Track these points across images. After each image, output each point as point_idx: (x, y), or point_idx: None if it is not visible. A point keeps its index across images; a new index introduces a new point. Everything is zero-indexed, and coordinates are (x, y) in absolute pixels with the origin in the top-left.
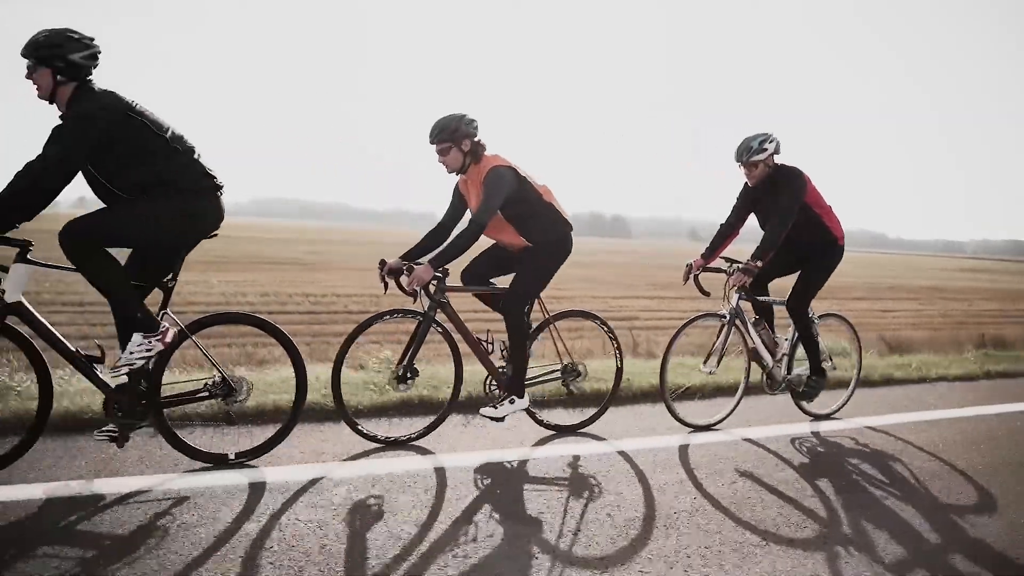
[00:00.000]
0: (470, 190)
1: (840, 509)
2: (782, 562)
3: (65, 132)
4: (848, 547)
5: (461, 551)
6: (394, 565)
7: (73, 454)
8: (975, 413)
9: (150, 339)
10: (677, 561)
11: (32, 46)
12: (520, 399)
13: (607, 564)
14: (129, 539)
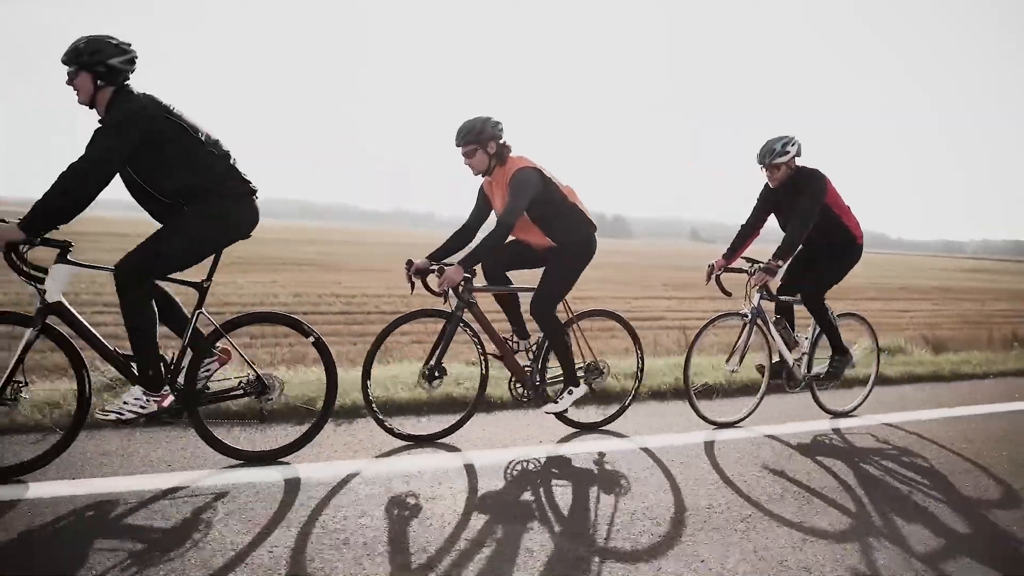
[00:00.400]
0: (495, 191)
1: (868, 502)
2: (817, 554)
3: (104, 135)
4: (880, 539)
5: (499, 546)
6: (436, 560)
7: (111, 452)
8: (1005, 409)
9: (149, 398)
10: (712, 555)
11: (73, 52)
12: (577, 388)
13: (644, 558)
14: (172, 534)
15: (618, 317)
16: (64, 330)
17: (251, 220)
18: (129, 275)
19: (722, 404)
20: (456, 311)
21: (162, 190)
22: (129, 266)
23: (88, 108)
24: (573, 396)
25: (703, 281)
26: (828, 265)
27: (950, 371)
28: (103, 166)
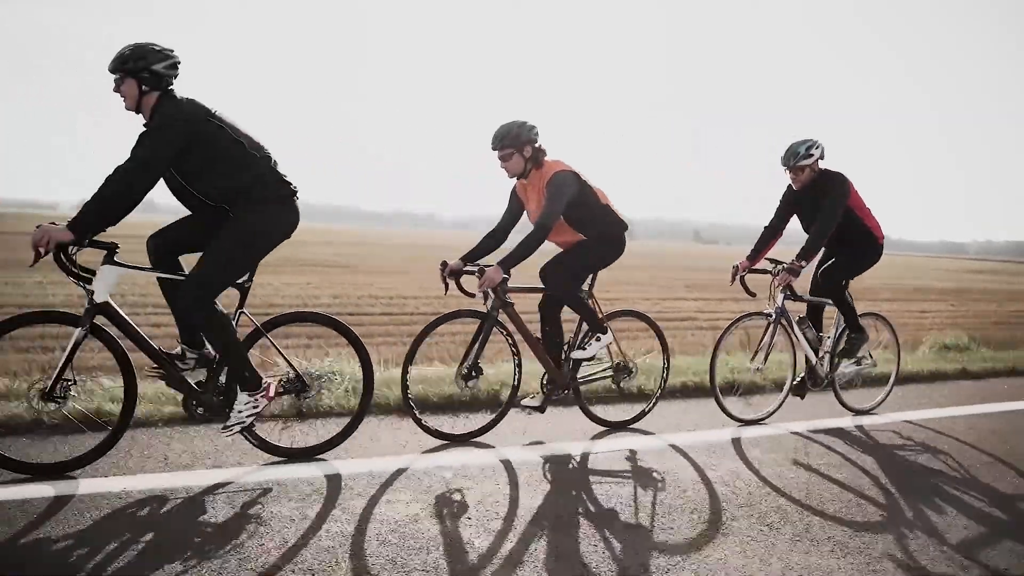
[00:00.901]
0: (528, 194)
1: (896, 495)
2: (852, 545)
3: (150, 139)
4: (914, 529)
5: (547, 542)
6: (488, 555)
7: (156, 449)
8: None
9: (256, 396)
10: (750, 547)
11: (119, 60)
12: (604, 335)
13: (685, 552)
14: (225, 529)
15: (646, 318)
16: (112, 330)
17: (293, 221)
18: (196, 299)
19: (747, 401)
20: (492, 311)
21: (205, 192)
22: (194, 290)
23: (134, 113)
24: (600, 343)
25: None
26: (847, 256)
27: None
28: (149, 169)
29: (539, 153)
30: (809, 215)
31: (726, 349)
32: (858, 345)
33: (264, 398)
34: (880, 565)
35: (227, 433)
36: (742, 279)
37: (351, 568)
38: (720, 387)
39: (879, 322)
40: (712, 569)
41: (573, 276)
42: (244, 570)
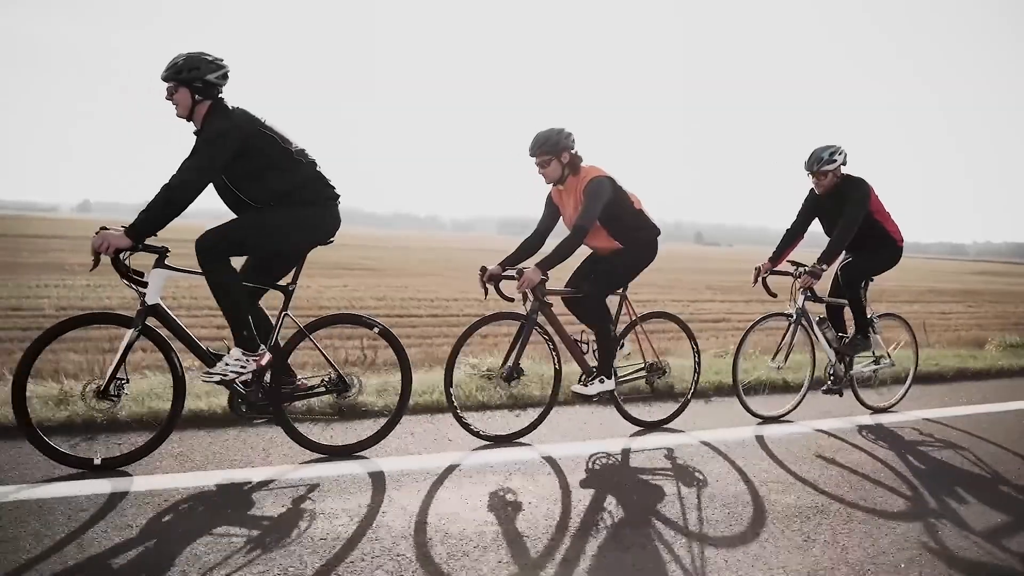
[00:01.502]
0: (564, 200)
1: (921, 487)
2: (889, 534)
3: (205, 147)
4: (940, 519)
5: (601, 537)
6: (547, 551)
7: (203, 446)
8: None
9: (248, 357)
10: (797, 537)
11: (173, 69)
12: (608, 381)
13: (737, 544)
14: (279, 523)
15: (677, 319)
16: (162, 331)
17: (334, 225)
18: (207, 250)
19: (767, 400)
20: (531, 313)
21: (254, 196)
22: (208, 242)
23: (186, 121)
24: (603, 387)
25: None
26: (867, 254)
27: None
28: (203, 175)
29: (576, 159)
30: (831, 219)
31: (748, 349)
32: (859, 347)
33: (255, 362)
34: (915, 553)
35: (207, 379)
36: (764, 280)
37: (411, 560)
38: (742, 386)
39: (897, 322)
40: (764, 557)
41: (614, 285)
42: (307, 561)
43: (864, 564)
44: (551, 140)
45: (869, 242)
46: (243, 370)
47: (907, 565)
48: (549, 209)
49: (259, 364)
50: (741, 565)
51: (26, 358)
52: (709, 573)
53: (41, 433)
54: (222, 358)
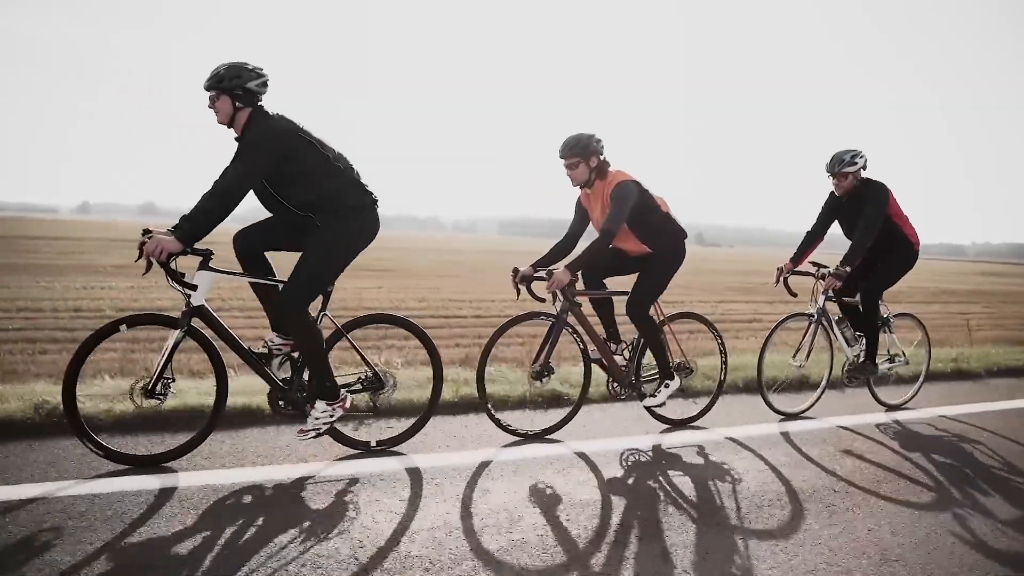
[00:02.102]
0: (592, 203)
1: (943, 479)
2: (919, 523)
3: (248, 153)
4: (965, 509)
5: (643, 524)
6: (593, 542)
7: (245, 443)
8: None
9: (333, 406)
10: (831, 525)
11: (216, 78)
12: (672, 382)
13: (780, 535)
14: (328, 516)
15: (704, 319)
16: (206, 332)
17: (374, 228)
18: (293, 307)
19: (788, 397)
20: (561, 313)
21: (294, 200)
22: (291, 298)
23: (227, 128)
24: (669, 390)
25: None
26: (886, 268)
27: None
28: (247, 181)
29: (604, 164)
30: (851, 221)
31: (773, 348)
32: (868, 372)
33: (340, 408)
34: (948, 541)
35: (303, 438)
36: (785, 281)
37: (459, 552)
38: (766, 384)
39: (912, 322)
40: (803, 542)
41: (652, 298)
42: (358, 553)
43: (893, 550)
44: (581, 143)
45: (888, 245)
46: (332, 419)
47: (937, 551)
48: (579, 212)
49: (344, 408)
50: (786, 549)
51: (76, 358)
52: (754, 560)
53: (89, 430)
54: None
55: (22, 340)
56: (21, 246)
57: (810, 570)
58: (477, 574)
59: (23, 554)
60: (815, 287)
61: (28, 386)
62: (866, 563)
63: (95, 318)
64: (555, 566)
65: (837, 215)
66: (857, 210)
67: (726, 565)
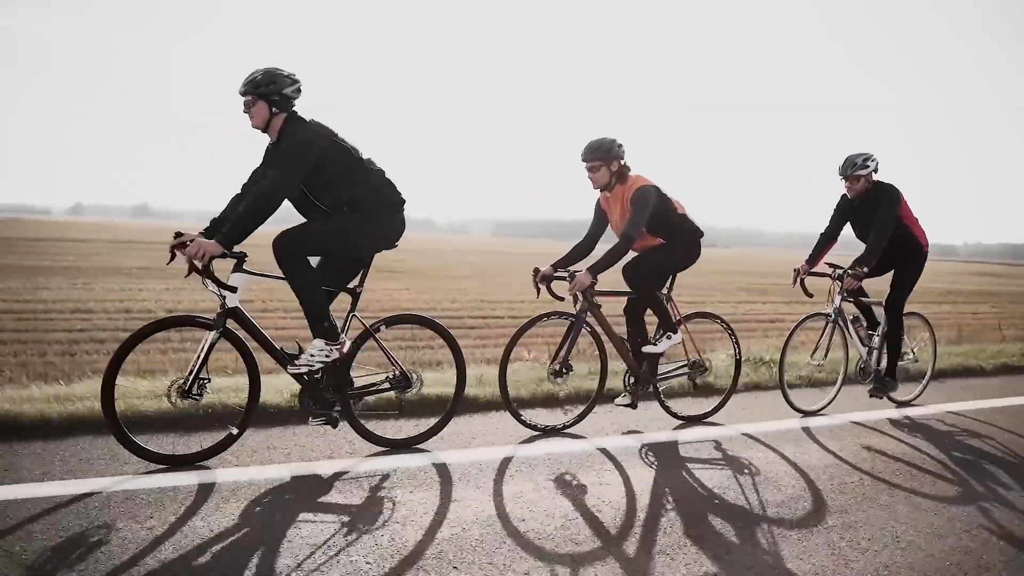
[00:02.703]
0: (612, 206)
1: (960, 470)
2: (948, 515)
3: (288, 158)
4: (988, 501)
5: (669, 515)
6: (623, 529)
7: (276, 442)
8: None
9: (331, 347)
10: (871, 519)
11: (252, 84)
12: (675, 335)
13: (804, 525)
14: (366, 510)
15: (719, 318)
16: (240, 333)
17: (400, 229)
18: (285, 249)
19: (804, 394)
20: (581, 313)
21: (328, 203)
22: (285, 241)
23: (261, 132)
24: (671, 341)
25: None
26: (904, 273)
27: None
28: (287, 186)
29: (624, 169)
30: (863, 223)
31: (793, 347)
32: (884, 391)
33: (338, 351)
34: (974, 530)
35: (293, 370)
36: (802, 282)
37: (495, 541)
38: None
39: (919, 321)
40: (836, 529)
41: (655, 276)
42: (397, 544)
43: (920, 539)
44: (604, 147)
45: (899, 247)
46: (327, 359)
47: (963, 540)
48: (598, 215)
49: (341, 353)
50: (811, 539)
51: (115, 359)
52: (782, 548)
53: (126, 430)
54: (303, 353)
55: (91, 341)
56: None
57: (840, 556)
58: (514, 564)
59: (71, 551)
60: (831, 288)
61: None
62: (896, 552)
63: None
64: (588, 555)
65: (849, 217)
66: (869, 212)
67: (757, 553)
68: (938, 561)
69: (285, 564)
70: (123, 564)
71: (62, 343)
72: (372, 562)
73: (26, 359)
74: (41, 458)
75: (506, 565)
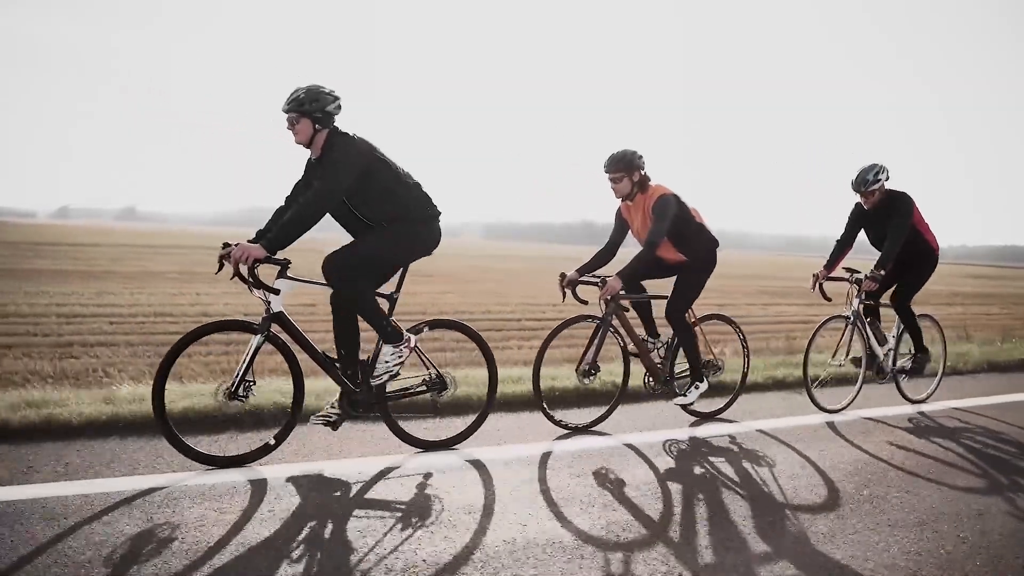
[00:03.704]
0: (633, 214)
1: (975, 459)
2: (969, 504)
3: (334, 172)
4: (1005, 491)
5: (702, 503)
6: (666, 512)
7: (320, 441)
8: None
9: (400, 347)
10: (897, 507)
11: (296, 102)
12: (702, 384)
13: (832, 514)
14: (417, 505)
15: (729, 320)
16: (284, 336)
17: (436, 239)
18: (337, 270)
19: (823, 393)
20: (607, 316)
21: (369, 215)
22: (337, 263)
23: (305, 148)
24: (699, 391)
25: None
26: (912, 275)
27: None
28: (332, 197)
29: (645, 179)
30: (877, 231)
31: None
32: (923, 365)
33: (406, 348)
34: (999, 516)
35: (376, 380)
36: (820, 286)
37: (544, 531)
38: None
39: (929, 322)
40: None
41: (688, 303)
42: (454, 537)
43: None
44: (626, 159)
45: (911, 251)
46: (401, 359)
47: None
48: (618, 222)
49: (410, 348)
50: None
51: (165, 362)
52: (811, 536)
53: (176, 430)
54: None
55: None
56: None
57: (869, 544)
58: (565, 552)
59: (136, 547)
60: (849, 291)
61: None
62: (925, 538)
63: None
64: (639, 542)
65: (863, 224)
66: (882, 220)
67: (788, 540)
68: (970, 547)
69: (346, 559)
70: (192, 559)
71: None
72: (427, 558)
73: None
74: (100, 456)
75: (558, 555)
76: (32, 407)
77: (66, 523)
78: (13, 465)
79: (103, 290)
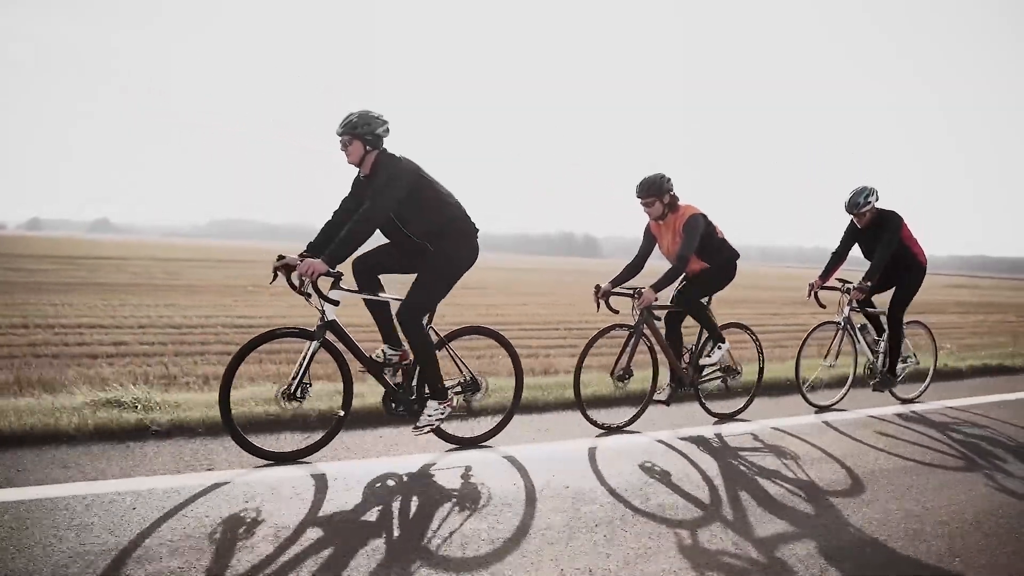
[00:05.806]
0: (663, 232)
1: (965, 450)
2: (972, 489)
3: (385, 190)
4: (996, 476)
5: (739, 492)
6: (714, 502)
7: (367, 439)
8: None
9: (444, 405)
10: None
11: (349, 126)
12: (723, 343)
13: (841, 499)
14: (466, 496)
15: (746, 328)
16: (337, 344)
17: (476, 253)
18: (411, 318)
19: (817, 393)
20: (639, 324)
21: (414, 231)
22: (409, 311)
23: (355, 167)
24: (721, 350)
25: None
26: (903, 287)
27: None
28: (383, 214)
29: (674, 199)
30: (869, 244)
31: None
32: (885, 386)
33: (448, 407)
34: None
35: (418, 433)
36: (816, 294)
37: (593, 516)
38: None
39: (920, 328)
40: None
41: (700, 296)
42: (504, 520)
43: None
44: (656, 184)
45: (900, 263)
46: (443, 416)
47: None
48: (647, 238)
49: (452, 407)
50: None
51: (230, 368)
52: (823, 517)
53: (241, 431)
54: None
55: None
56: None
57: (875, 523)
58: (615, 536)
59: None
60: (841, 300)
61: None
62: (924, 517)
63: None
64: (693, 523)
65: (857, 239)
66: (874, 235)
67: (808, 520)
68: (963, 523)
69: (410, 544)
70: (271, 547)
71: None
72: (485, 538)
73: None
74: (170, 455)
75: (616, 535)
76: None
77: (161, 509)
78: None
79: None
